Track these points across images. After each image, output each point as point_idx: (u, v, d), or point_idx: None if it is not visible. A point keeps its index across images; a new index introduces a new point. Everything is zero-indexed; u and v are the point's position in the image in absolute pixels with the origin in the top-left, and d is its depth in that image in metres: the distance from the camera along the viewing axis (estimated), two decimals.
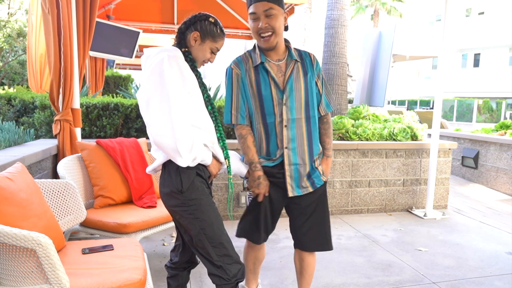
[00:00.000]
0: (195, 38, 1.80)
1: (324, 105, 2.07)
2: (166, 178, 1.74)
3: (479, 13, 26.84)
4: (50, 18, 2.93)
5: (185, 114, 1.66)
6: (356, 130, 4.38)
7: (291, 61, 1.95)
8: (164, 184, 1.75)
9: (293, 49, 2.00)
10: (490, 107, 23.48)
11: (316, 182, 2.03)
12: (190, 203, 1.72)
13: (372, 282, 2.73)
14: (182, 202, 1.71)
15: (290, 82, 1.93)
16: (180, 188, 1.70)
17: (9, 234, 1.41)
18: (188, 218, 1.73)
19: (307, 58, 2.00)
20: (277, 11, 1.83)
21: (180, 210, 1.73)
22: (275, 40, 1.88)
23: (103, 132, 3.80)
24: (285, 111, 1.94)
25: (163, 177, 1.76)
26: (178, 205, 1.72)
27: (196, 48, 1.81)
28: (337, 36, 6.45)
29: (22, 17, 16.97)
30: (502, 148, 5.50)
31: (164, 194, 1.76)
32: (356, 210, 4.33)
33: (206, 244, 1.74)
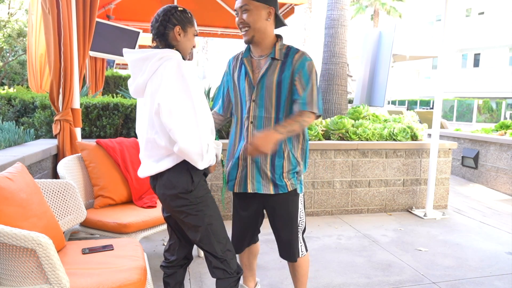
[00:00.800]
0: (178, 33, 1.76)
1: (299, 102, 1.91)
2: (172, 180, 1.73)
3: (479, 13, 26.84)
4: (50, 18, 2.93)
5: (205, 118, 1.72)
6: (356, 130, 4.38)
7: (269, 59, 1.95)
8: (170, 186, 1.73)
9: (281, 47, 1.96)
10: (490, 107, 23.48)
11: (280, 190, 1.98)
12: (198, 201, 1.76)
13: (372, 282, 2.73)
14: (190, 201, 1.74)
15: (263, 80, 1.94)
16: (191, 188, 1.74)
17: (9, 234, 1.41)
18: (196, 215, 1.76)
19: (291, 57, 1.93)
20: (253, 6, 1.87)
21: (187, 209, 1.75)
22: (251, 34, 1.91)
23: (103, 132, 3.80)
24: (253, 108, 1.97)
25: (168, 179, 1.73)
26: (185, 204, 1.74)
27: (182, 41, 1.79)
28: (337, 36, 6.45)
29: (22, 17, 16.98)
30: (502, 148, 5.50)
31: (169, 196, 1.74)
32: (356, 210, 4.33)
33: (212, 240, 1.79)
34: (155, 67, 1.68)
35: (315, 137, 4.21)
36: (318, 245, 3.38)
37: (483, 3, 26.23)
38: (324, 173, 4.18)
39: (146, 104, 1.74)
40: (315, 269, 2.90)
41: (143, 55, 1.71)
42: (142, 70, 1.70)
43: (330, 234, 3.67)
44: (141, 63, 1.71)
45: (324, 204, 4.23)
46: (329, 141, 4.25)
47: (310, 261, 3.04)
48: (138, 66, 1.72)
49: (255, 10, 1.87)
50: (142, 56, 1.71)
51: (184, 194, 1.73)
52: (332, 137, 4.41)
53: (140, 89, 1.74)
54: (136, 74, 1.73)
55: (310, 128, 4.21)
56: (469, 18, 27.47)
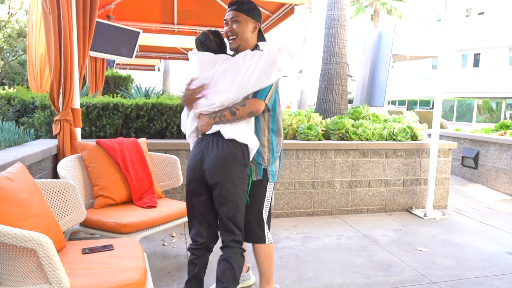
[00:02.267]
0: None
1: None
2: (237, 153, 2.05)
3: (479, 13, 26.83)
4: (51, 18, 2.93)
5: None
6: (356, 130, 4.38)
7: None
8: (233, 158, 2.04)
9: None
10: (490, 107, 23.48)
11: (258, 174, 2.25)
12: (247, 177, 2.12)
13: (372, 282, 2.73)
14: (242, 174, 2.08)
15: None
16: (248, 163, 2.11)
17: (9, 234, 1.41)
18: (240, 189, 2.08)
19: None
20: (243, 19, 2.16)
21: (238, 181, 2.06)
22: (238, 42, 2.18)
23: (103, 132, 3.80)
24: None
25: (233, 151, 2.04)
26: (240, 176, 2.07)
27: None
28: (337, 36, 6.45)
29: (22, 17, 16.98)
30: (502, 148, 5.50)
31: (232, 166, 2.04)
32: (356, 210, 4.33)
33: (241, 215, 2.13)
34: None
35: (315, 137, 4.21)
36: (318, 245, 3.38)
37: (483, 3, 26.22)
38: (324, 173, 4.18)
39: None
40: (315, 269, 2.90)
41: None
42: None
43: (330, 234, 3.67)
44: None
45: (324, 204, 4.23)
46: (329, 141, 4.25)
47: (310, 261, 3.04)
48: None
49: (244, 22, 2.16)
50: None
51: (242, 167, 2.08)
52: (332, 137, 4.41)
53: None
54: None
55: (310, 128, 4.21)
56: (469, 18, 27.46)
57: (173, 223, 2.76)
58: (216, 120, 2.09)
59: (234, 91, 2.06)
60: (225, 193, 2.05)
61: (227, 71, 2.12)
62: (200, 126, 2.15)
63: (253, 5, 2.19)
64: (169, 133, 3.98)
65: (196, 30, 6.13)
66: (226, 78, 2.10)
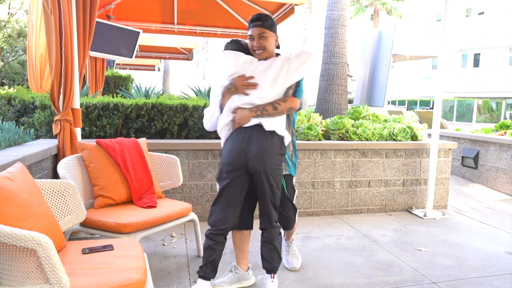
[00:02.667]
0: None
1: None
2: (275, 144, 2.33)
3: (479, 13, 26.83)
4: (52, 18, 2.93)
5: None
6: (356, 130, 4.38)
7: None
8: (274, 148, 2.32)
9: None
10: (490, 107, 23.48)
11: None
12: (282, 165, 2.40)
13: (372, 282, 2.73)
14: (280, 163, 2.37)
15: None
16: (284, 153, 2.41)
17: (9, 234, 1.41)
18: (279, 175, 2.39)
19: None
20: (268, 34, 2.42)
21: (278, 168, 2.35)
22: (265, 55, 2.45)
23: (103, 132, 3.80)
24: None
25: (272, 143, 2.31)
26: (279, 164, 2.36)
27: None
28: (337, 36, 6.45)
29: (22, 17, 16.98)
30: (502, 148, 5.50)
31: (273, 155, 2.31)
32: (356, 210, 4.33)
33: (278, 198, 2.40)
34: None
35: (315, 137, 4.21)
36: (318, 245, 3.38)
37: (483, 3, 26.22)
38: (324, 173, 4.18)
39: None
40: (315, 269, 2.90)
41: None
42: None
43: (330, 234, 3.67)
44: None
45: (324, 204, 4.23)
46: (329, 141, 4.25)
47: (310, 261, 3.05)
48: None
49: (270, 37, 2.44)
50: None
51: (280, 156, 2.39)
52: (332, 137, 4.41)
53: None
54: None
55: (310, 128, 4.21)
56: (469, 18, 27.46)
57: (173, 223, 2.76)
58: (258, 113, 2.34)
59: (275, 88, 2.36)
60: (269, 178, 2.31)
61: (267, 69, 2.38)
62: (239, 119, 2.34)
63: (273, 20, 2.49)
64: (169, 133, 3.98)
65: (196, 30, 6.13)
66: (267, 76, 2.36)
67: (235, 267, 2.63)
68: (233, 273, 2.61)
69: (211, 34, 6.38)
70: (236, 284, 2.60)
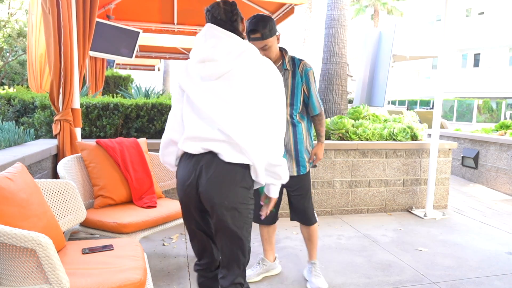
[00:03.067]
0: (243, 28, 1.82)
1: (311, 108, 2.52)
2: (245, 175, 1.67)
3: (479, 13, 26.83)
4: (51, 18, 2.93)
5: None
6: (356, 130, 4.38)
7: (282, 69, 2.41)
8: (239, 181, 1.65)
9: (288, 58, 2.43)
10: (490, 107, 23.48)
11: (301, 171, 2.53)
12: (251, 201, 1.72)
13: (372, 282, 2.73)
14: (248, 198, 1.70)
15: None
16: (251, 184, 1.72)
17: (9, 234, 1.41)
18: (246, 216, 1.70)
19: (297, 67, 2.44)
20: (271, 42, 2.29)
21: (243, 207, 1.67)
22: (272, 61, 2.33)
23: (103, 132, 3.80)
24: None
25: (240, 175, 1.65)
26: (242, 202, 1.67)
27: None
28: (337, 36, 6.45)
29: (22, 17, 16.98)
30: (502, 148, 5.50)
31: (237, 190, 1.65)
32: (356, 210, 4.33)
33: (244, 246, 1.73)
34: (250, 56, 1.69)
35: (315, 137, 4.20)
36: (318, 245, 3.37)
37: (483, 3, 26.22)
38: (324, 173, 4.18)
39: (224, 89, 1.66)
40: None
41: (235, 40, 1.70)
42: (232, 53, 1.66)
43: (330, 234, 3.67)
44: (230, 45, 1.68)
45: (324, 204, 4.23)
46: (329, 141, 4.25)
47: None
48: (225, 48, 1.67)
49: (273, 43, 2.30)
50: (235, 41, 1.70)
51: (247, 190, 1.69)
52: (332, 137, 4.41)
53: (222, 72, 1.66)
54: (220, 55, 1.65)
55: None
56: (469, 18, 27.46)
57: (173, 223, 2.76)
58: None
59: None
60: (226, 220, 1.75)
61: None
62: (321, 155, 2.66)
63: (270, 22, 2.25)
64: None
65: (196, 30, 6.13)
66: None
67: (263, 260, 2.76)
68: (261, 265, 2.74)
69: None
70: (263, 274, 2.74)
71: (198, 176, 1.66)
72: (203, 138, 1.66)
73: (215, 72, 1.66)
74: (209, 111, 1.66)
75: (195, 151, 1.68)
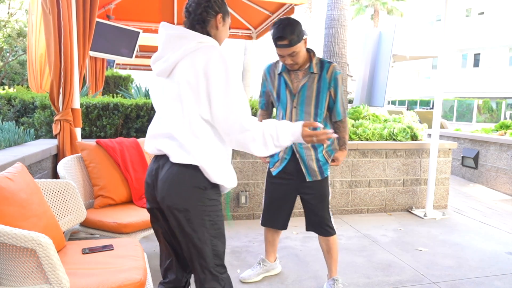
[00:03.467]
0: (219, 21, 1.66)
1: (335, 114, 2.44)
2: (195, 175, 1.55)
3: (479, 13, 26.84)
4: (51, 18, 2.93)
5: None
6: (356, 130, 4.38)
7: (308, 73, 2.34)
8: (189, 181, 1.55)
9: (316, 60, 2.35)
10: (490, 107, 23.49)
11: (325, 173, 2.49)
12: (209, 202, 1.58)
13: (372, 282, 2.73)
14: (204, 199, 1.57)
15: (303, 90, 2.34)
16: (207, 185, 1.57)
17: (9, 234, 1.41)
18: (202, 218, 1.57)
19: (325, 71, 2.34)
20: (299, 48, 2.20)
21: (197, 208, 1.55)
22: (297, 66, 2.32)
23: (103, 132, 3.80)
24: (295, 113, 2.37)
25: (189, 175, 1.54)
26: (196, 203, 1.55)
27: (221, 31, 1.69)
28: (337, 36, 6.45)
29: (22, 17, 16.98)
30: (502, 148, 5.50)
31: (188, 191, 1.55)
32: (356, 210, 4.33)
33: (203, 250, 1.60)
34: (191, 49, 1.54)
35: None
36: (318, 245, 3.37)
37: (483, 3, 26.22)
38: None
39: (169, 86, 1.59)
40: (315, 269, 2.90)
41: (180, 32, 1.60)
42: (175, 49, 1.57)
43: None
44: (176, 40, 1.59)
45: None
46: None
47: (311, 261, 3.04)
48: (172, 43, 1.59)
49: (301, 49, 2.23)
50: (180, 34, 1.60)
51: (199, 190, 1.56)
52: None
53: (168, 70, 1.59)
54: (167, 52, 1.59)
55: None
56: (469, 18, 27.46)
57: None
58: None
59: None
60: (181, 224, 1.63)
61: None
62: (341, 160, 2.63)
63: (298, 27, 2.17)
64: None
65: None
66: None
67: (263, 260, 2.76)
68: (261, 266, 2.75)
69: None
70: (263, 274, 2.75)
71: (156, 179, 1.62)
72: (156, 137, 1.63)
73: (163, 70, 1.59)
74: (160, 110, 1.64)
75: (151, 151, 1.66)
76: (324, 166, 2.46)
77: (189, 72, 1.52)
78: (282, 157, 2.46)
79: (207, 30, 1.65)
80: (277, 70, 2.43)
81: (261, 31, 6.00)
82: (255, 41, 6.43)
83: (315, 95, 2.34)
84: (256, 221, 3.87)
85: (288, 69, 2.37)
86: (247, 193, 3.93)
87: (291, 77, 2.37)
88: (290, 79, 2.37)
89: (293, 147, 2.42)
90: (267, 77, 2.48)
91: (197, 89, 1.52)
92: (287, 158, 2.45)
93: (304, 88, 2.34)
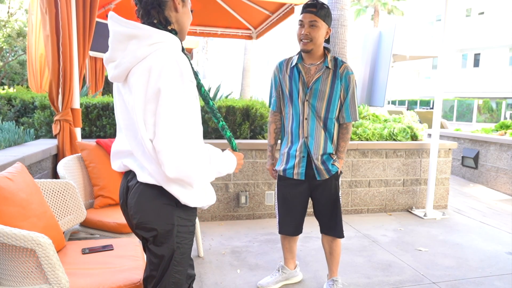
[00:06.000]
0: (178, 1, 1.42)
1: (344, 114, 2.36)
2: (162, 192, 1.39)
3: (479, 13, 26.84)
4: (48, 18, 2.93)
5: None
6: (356, 130, 4.38)
7: (323, 67, 2.29)
8: (155, 198, 1.39)
9: (330, 57, 2.32)
10: (490, 107, 23.49)
11: (332, 170, 2.36)
12: (181, 221, 1.42)
13: (372, 282, 2.73)
14: (174, 217, 1.41)
15: (317, 83, 2.29)
16: (177, 201, 1.40)
17: (9, 234, 1.41)
18: (173, 236, 1.41)
19: (338, 68, 2.31)
20: (320, 24, 2.19)
21: (165, 227, 1.39)
22: (311, 46, 2.23)
23: (103, 132, 3.80)
24: (307, 106, 2.31)
25: (155, 191, 1.39)
26: (165, 221, 1.40)
27: (181, 14, 1.44)
28: (337, 36, 6.45)
29: (22, 17, 16.97)
30: (502, 148, 5.50)
31: (156, 208, 1.40)
32: (356, 210, 4.33)
33: (169, 282, 1.43)
34: (143, 55, 1.31)
35: None
36: (318, 245, 3.38)
37: (483, 3, 26.22)
38: None
39: (125, 95, 1.38)
40: (315, 269, 2.90)
41: (130, 30, 1.35)
42: (125, 51, 1.34)
43: None
44: (125, 41, 1.35)
45: None
46: None
47: (310, 261, 3.04)
48: (121, 44, 1.36)
49: (321, 28, 2.20)
50: (129, 33, 1.35)
51: (171, 208, 1.41)
52: None
53: (122, 76, 1.36)
54: (117, 54, 1.37)
55: None
56: (469, 18, 27.46)
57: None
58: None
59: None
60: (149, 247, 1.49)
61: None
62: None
63: (329, 11, 2.23)
64: None
65: (196, 30, 6.13)
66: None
67: (283, 267, 2.67)
68: (280, 273, 2.66)
69: (211, 34, 6.38)
70: (282, 282, 2.65)
71: (126, 196, 1.47)
72: (118, 154, 1.47)
73: (117, 76, 1.36)
74: (119, 122, 1.43)
75: (118, 168, 1.49)
76: (328, 161, 2.34)
77: (140, 86, 1.30)
78: (299, 156, 2.34)
79: (164, 14, 1.42)
80: (290, 63, 2.37)
81: (261, 31, 6.00)
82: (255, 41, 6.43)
83: (328, 90, 2.28)
84: (256, 221, 3.87)
85: (302, 61, 2.32)
86: (247, 193, 3.93)
87: (305, 71, 2.32)
88: (304, 71, 2.32)
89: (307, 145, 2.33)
90: (279, 71, 2.41)
91: (144, 108, 1.30)
92: (305, 156, 2.34)
93: (318, 82, 2.28)
